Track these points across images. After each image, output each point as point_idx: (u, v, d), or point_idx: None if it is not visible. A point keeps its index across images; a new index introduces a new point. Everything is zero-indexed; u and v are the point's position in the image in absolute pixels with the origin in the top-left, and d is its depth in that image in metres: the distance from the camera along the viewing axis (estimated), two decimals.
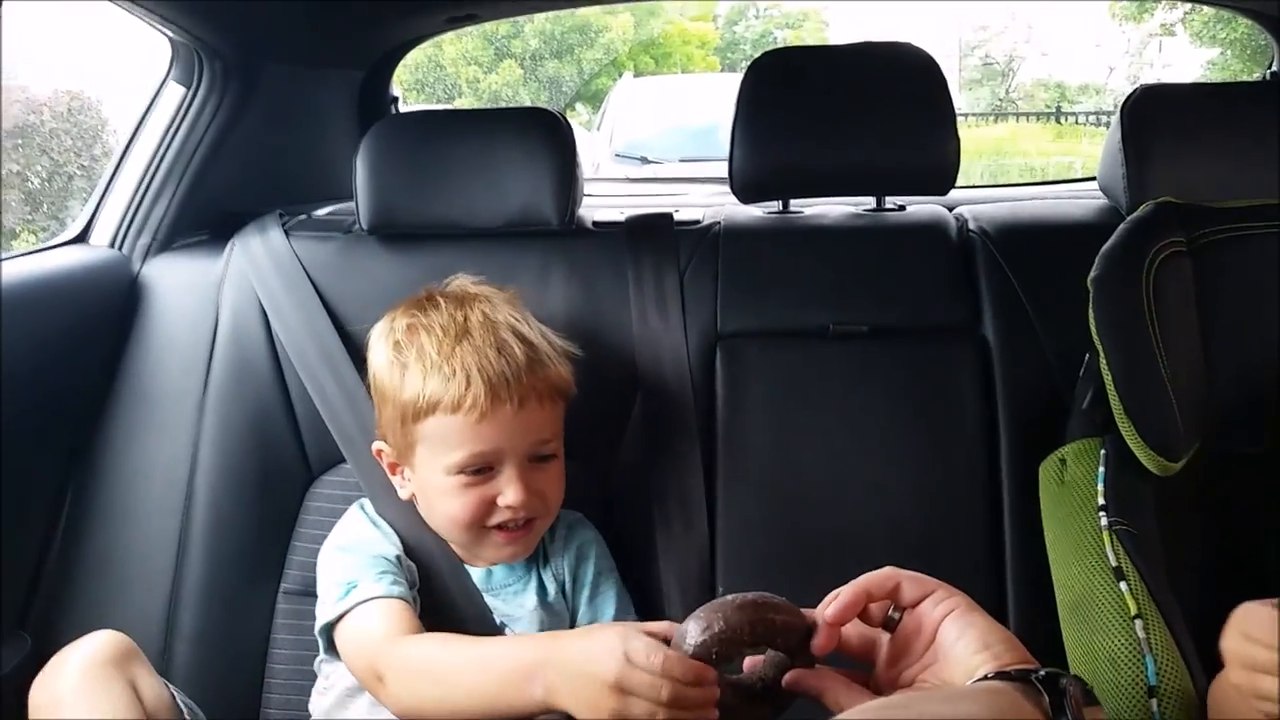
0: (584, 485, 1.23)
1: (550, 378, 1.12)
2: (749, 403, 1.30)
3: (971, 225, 1.39)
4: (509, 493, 1.08)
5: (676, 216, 1.44)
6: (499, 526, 1.11)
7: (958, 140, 1.35)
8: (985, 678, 0.68)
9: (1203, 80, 10.05)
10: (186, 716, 1.00)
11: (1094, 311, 1.05)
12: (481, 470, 1.09)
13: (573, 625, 1.16)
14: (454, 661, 1.00)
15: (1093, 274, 1.07)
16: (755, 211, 1.50)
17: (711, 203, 1.60)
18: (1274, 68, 1.80)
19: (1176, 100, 1.35)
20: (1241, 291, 1.09)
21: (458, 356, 1.08)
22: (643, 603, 1.22)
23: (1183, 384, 1.03)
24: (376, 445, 1.17)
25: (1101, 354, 1.04)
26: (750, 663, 0.85)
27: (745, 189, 1.41)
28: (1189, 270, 1.09)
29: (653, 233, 1.40)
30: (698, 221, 1.44)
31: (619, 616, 1.16)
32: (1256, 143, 1.28)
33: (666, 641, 0.86)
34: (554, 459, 1.14)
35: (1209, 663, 0.92)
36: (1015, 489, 1.22)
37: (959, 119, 1.43)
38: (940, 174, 1.36)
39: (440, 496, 1.11)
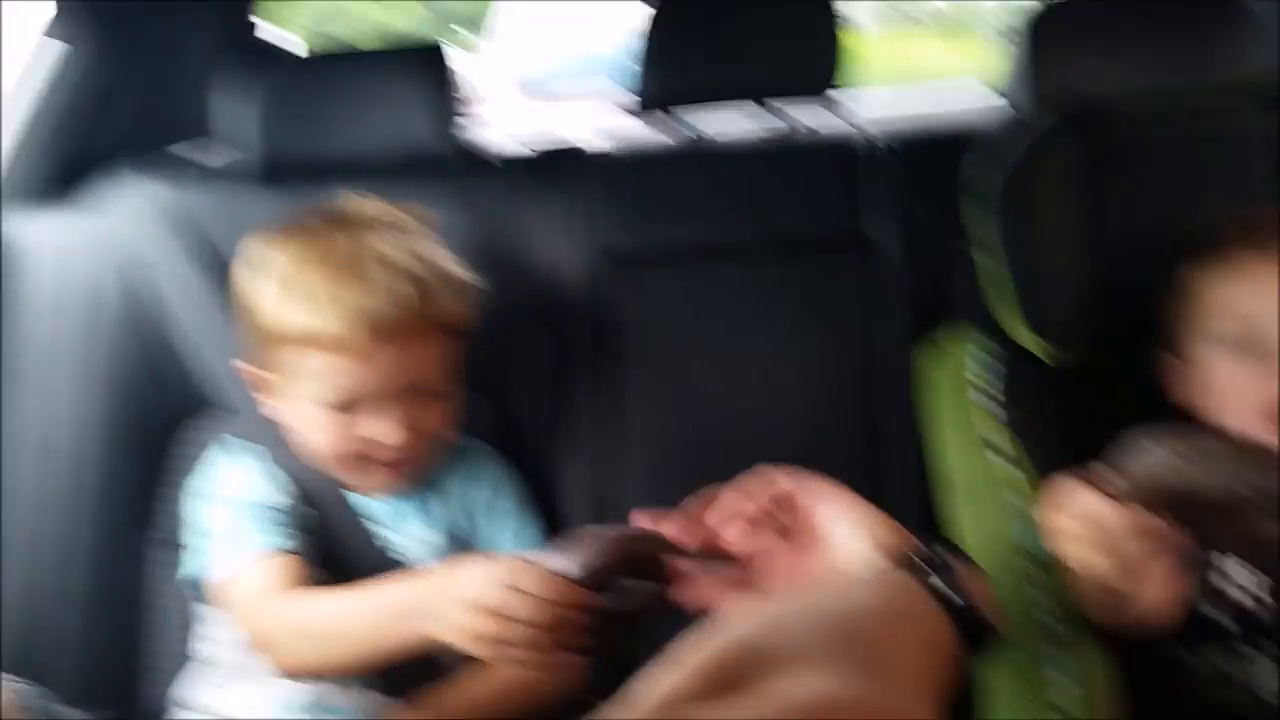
0: (487, 413, 1.23)
1: (440, 314, 1.05)
2: (650, 324, 1.31)
3: (863, 127, 1.40)
4: (384, 431, 1.04)
5: (575, 144, 1.43)
6: (374, 460, 1.06)
7: (839, 43, 1.35)
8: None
9: None
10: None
11: (980, 205, 1.08)
12: (356, 405, 1.03)
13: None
14: (332, 614, 0.97)
15: (981, 170, 1.09)
16: (654, 134, 1.49)
17: (611, 127, 1.58)
18: None
19: (1076, 3, 1.36)
20: (1130, 184, 1.12)
21: (339, 289, 1.01)
22: (551, 528, 1.23)
23: (1068, 273, 1.06)
24: (242, 365, 1.10)
25: (988, 245, 1.07)
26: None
27: (647, 100, 1.40)
28: (1078, 164, 1.12)
29: (553, 161, 1.39)
30: (596, 146, 1.43)
31: (525, 542, 1.15)
32: (1154, 43, 1.30)
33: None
34: (439, 396, 1.08)
35: None
36: (897, 378, 1.25)
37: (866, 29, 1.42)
38: (824, 77, 1.36)
39: (311, 429, 1.06)
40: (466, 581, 0.87)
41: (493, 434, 1.23)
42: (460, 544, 1.14)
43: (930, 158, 1.35)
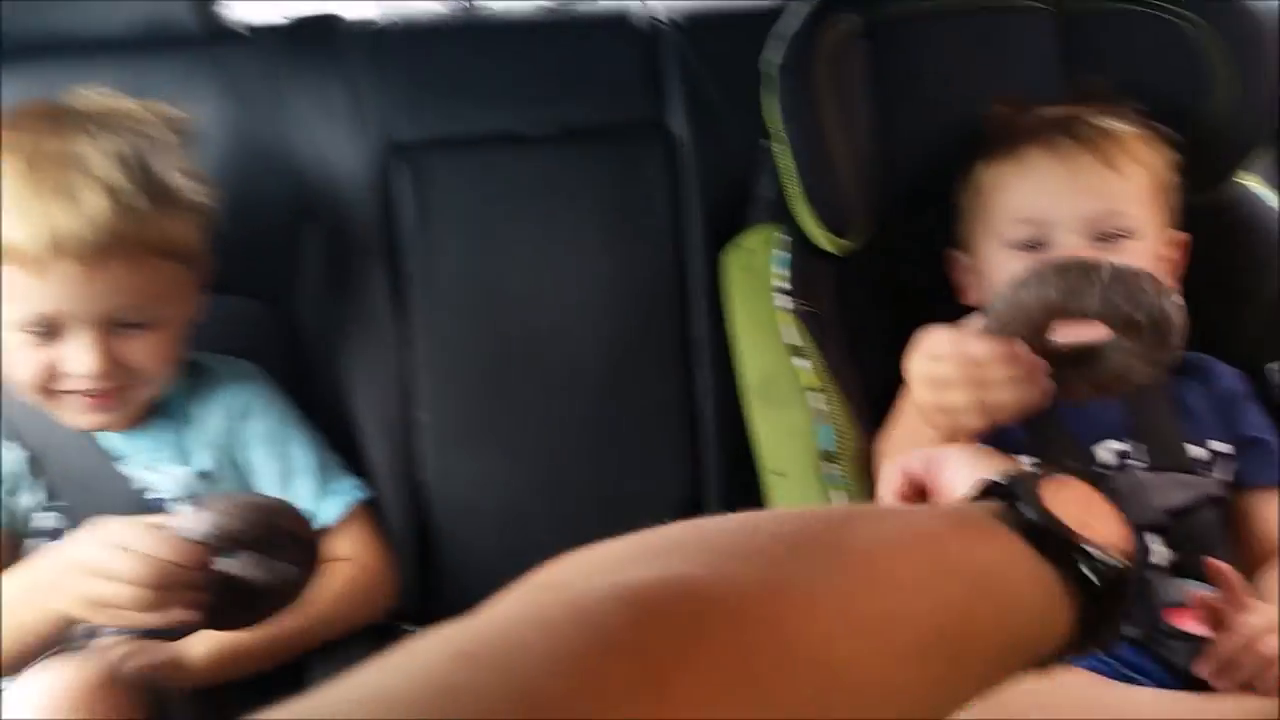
0: (261, 324, 1.14)
1: (150, 236, 0.95)
2: (437, 216, 1.22)
3: (659, 14, 1.34)
4: (79, 360, 0.94)
5: (343, 15, 1.29)
6: (74, 392, 0.96)
7: None
8: None
9: None
10: None
11: (773, 96, 1.04)
12: (49, 330, 0.94)
13: (256, 487, 1.06)
14: None
15: (771, 59, 1.05)
16: (434, 6, 1.37)
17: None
18: None
19: None
20: (913, 68, 1.10)
21: (33, 201, 0.90)
22: (340, 443, 1.15)
23: (859, 165, 1.04)
24: None
25: (782, 138, 1.04)
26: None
27: None
28: (865, 51, 1.09)
29: (316, 36, 1.25)
30: (368, 21, 1.31)
31: (308, 464, 1.08)
32: None
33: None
34: (150, 326, 0.98)
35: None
36: (703, 279, 1.22)
37: None
38: None
39: (7, 356, 0.95)
40: (75, 546, 0.83)
41: (274, 348, 1.14)
42: (221, 477, 1.05)
43: (726, 41, 1.30)
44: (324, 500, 1.08)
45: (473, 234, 1.23)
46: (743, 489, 1.08)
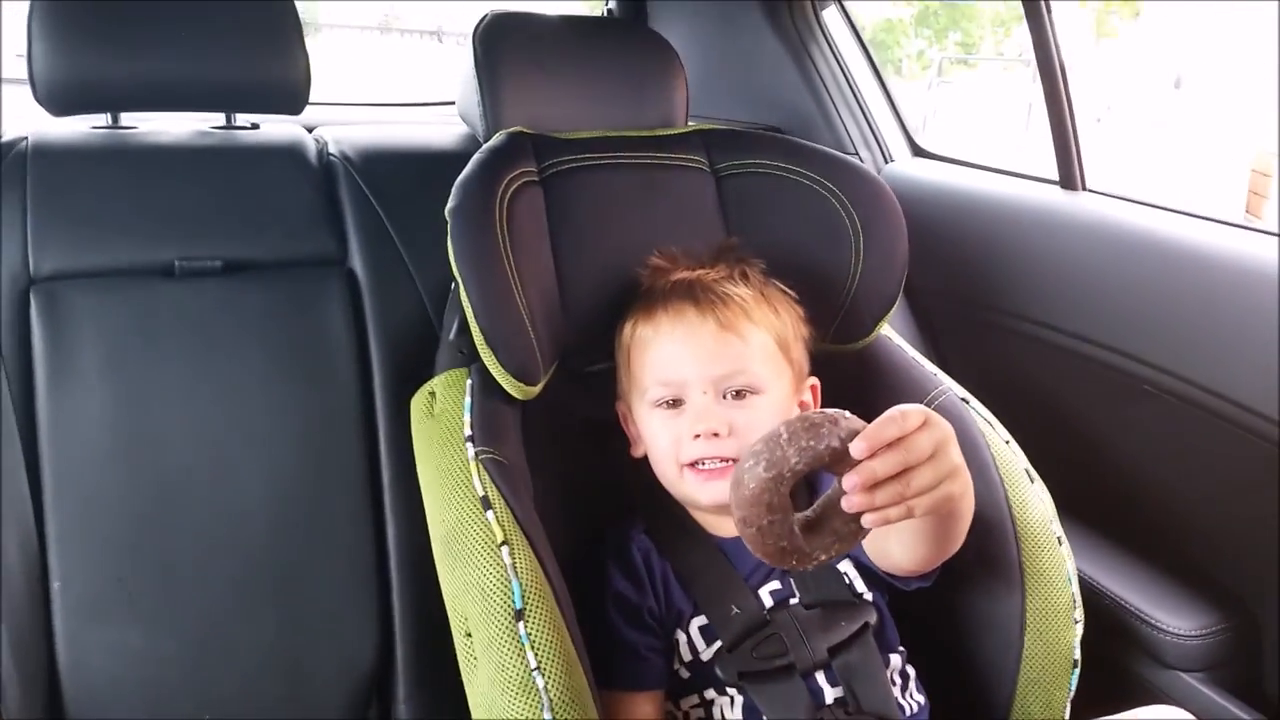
0: None
1: None
2: (79, 359, 1.10)
3: (332, 149, 1.31)
4: None
5: None
6: None
7: (306, 55, 1.25)
8: None
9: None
10: None
11: (452, 242, 1.03)
12: None
13: None
14: None
15: (449, 204, 1.05)
16: (78, 127, 1.26)
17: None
18: (610, 4, 1.95)
19: (525, 28, 1.38)
20: (584, 218, 1.13)
21: None
22: None
23: (538, 310, 1.05)
24: None
25: (461, 284, 1.03)
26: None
27: (55, 99, 1.17)
28: (540, 198, 1.11)
29: None
30: None
31: None
32: (597, 75, 1.36)
33: None
34: None
35: (579, 573, 0.99)
36: (390, 426, 1.19)
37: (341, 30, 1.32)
38: (291, 91, 1.25)
39: None
40: None
41: None
42: None
43: (399, 178, 1.30)
44: None
45: (122, 377, 1.12)
46: (434, 653, 1.03)
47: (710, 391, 1.00)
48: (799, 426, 0.79)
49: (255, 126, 1.34)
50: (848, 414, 0.81)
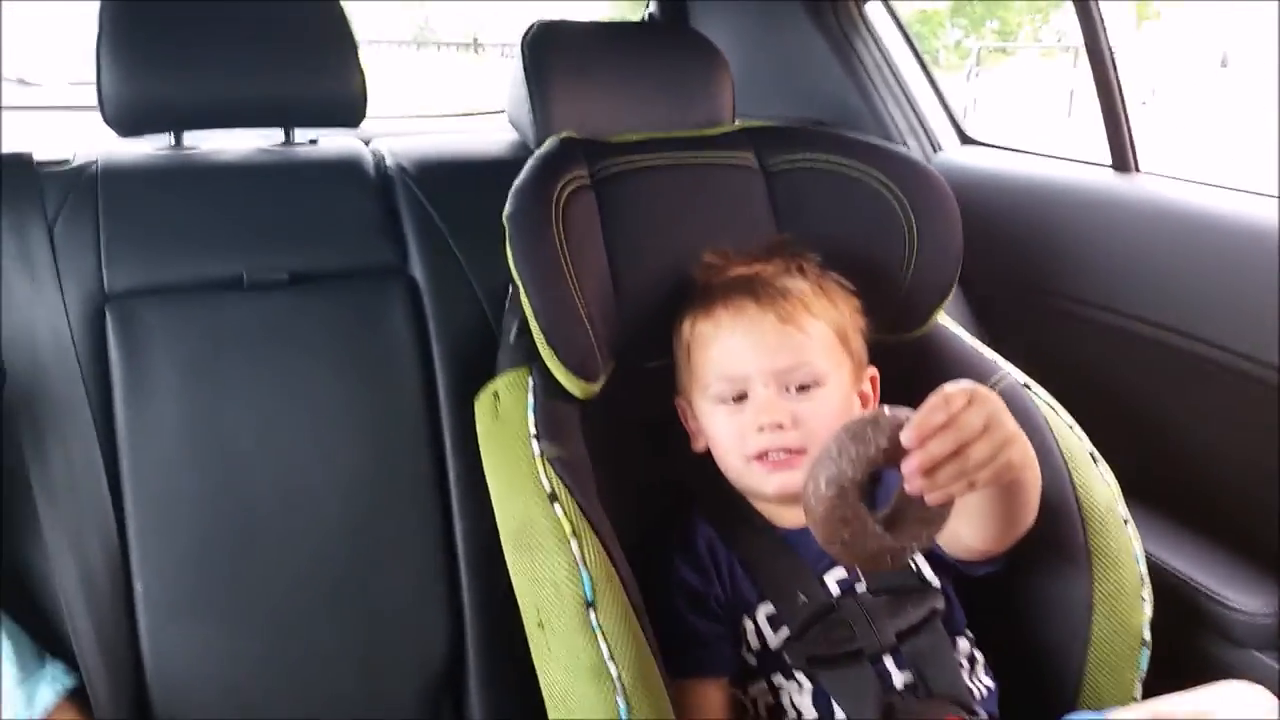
0: None
1: None
2: (154, 371, 1.14)
3: (389, 161, 1.34)
4: None
5: (37, 156, 1.20)
6: None
7: (362, 70, 1.28)
8: None
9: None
10: None
11: (510, 246, 1.06)
12: None
13: None
14: None
15: (506, 210, 1.07)
16: (143, 147, 1.30)
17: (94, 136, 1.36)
18: (651, 7, 1.97)
19: (571, 36, 1.41)
20: (637, 220, 1.15)
21: None
22: (38, 622, 1.03)
23: (596, 309, 1.07)
24: None
25: (521, 287, 1.05)
26: None
27: (124, 120, 1.21)
28: (593, 201, 1.13)
29: (6, 176, 1.15)
30: (67, 161, 1.22)
31: (7, 652, 0.99)
32: (643, 78, 1.38)
33: None
34: None
35: (645, 565, 1.00)
36: (455, 427, 1.21)
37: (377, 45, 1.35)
38: (348, 105, 1.28)
39: None
40: None
41: None
42: None
43: (455, 188, 1.33)
44: (28, 690, 0.97)
45: (196, 388, 1.15)
46: (504, 644, 1.06)
47: (772, 385, 1.01)
48: (845, 438, 0.81)
49: (314, 142, 1.38)
50: (889, 408, 0.82)
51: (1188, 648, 1.18)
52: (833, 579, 1.02)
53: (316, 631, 1.16)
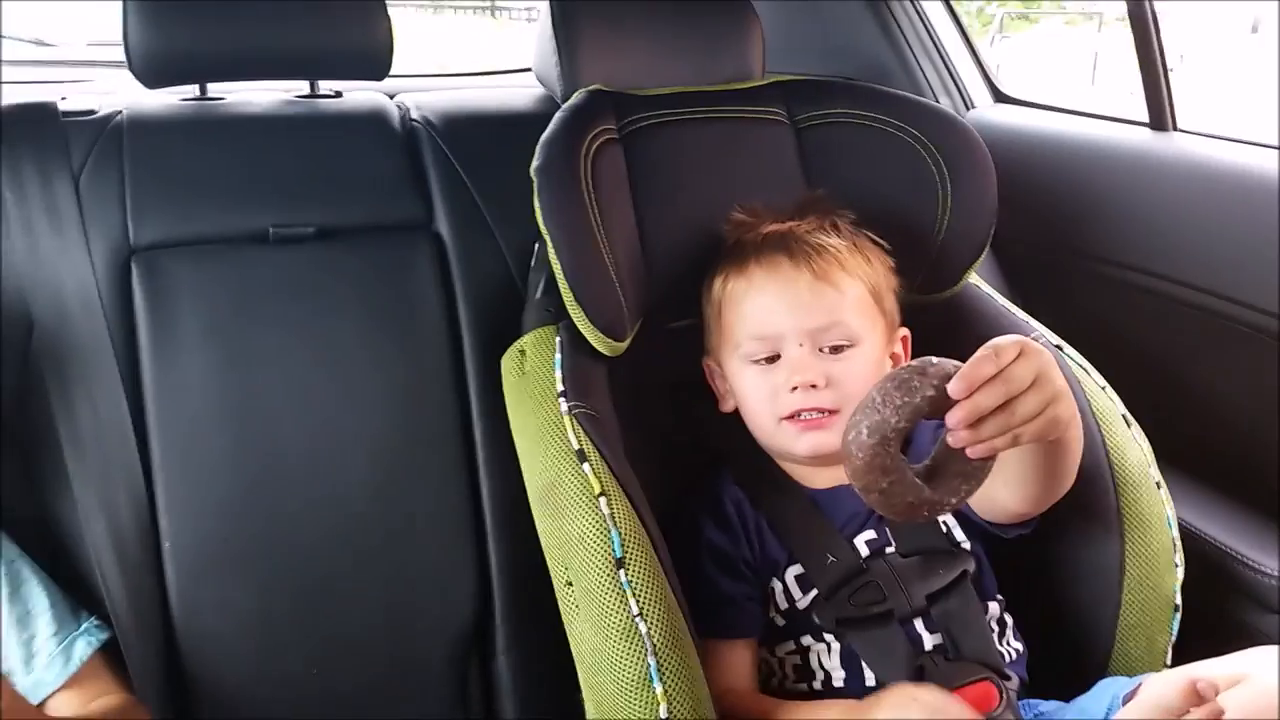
0: None
1: None
2: (180, 326, 1.14)
3: (414, 114, 1.33)
4: None
5: (63, 105, 1.19)
6: None
7: (389, 21, 1.26)
8: None
9: None
10: None
11: (538, 200, 1.04)
12: None
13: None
14: None
15: (534, 163, 1.05)
16: (168, 99, 1.29)
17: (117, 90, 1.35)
18: None
19: None
20: (666, 174, 1.13)
21: None
22: (75, 576, 1.03)
23: (624, 266, 1.06)
24: None
25: (549, 242, 1.04)
26: None
27: (149, 71, 1.20)
28: (621, 156, 1.11)
29: (31, 126, 1.15)
30: (92, 111, 1.21)
31: (41, 605, 0.99)
32: (673, 32, 1.36)
33: None
34: None
35: (673, 525, 0.99)
36: (481, 384, 1.21)
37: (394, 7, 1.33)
38: (374, 58, 1.26)
39: None
40: None
41: None
42: None
43: (480, 141, 1.31)
44: (62, 645, 0.99)
45: (223, 341, 1.15)
46: (531, 603, 1.05)
47: (806, 344, 1.00)
48: (890, 387, 0.79)
49: (338, 95, 1.36)
50: (935, 359, 0.81)
51: (1220, 613, 1.16)
52: (862, 541, 1.01)
53: (343, 589, 1.16)
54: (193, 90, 1.30)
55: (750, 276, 1.03)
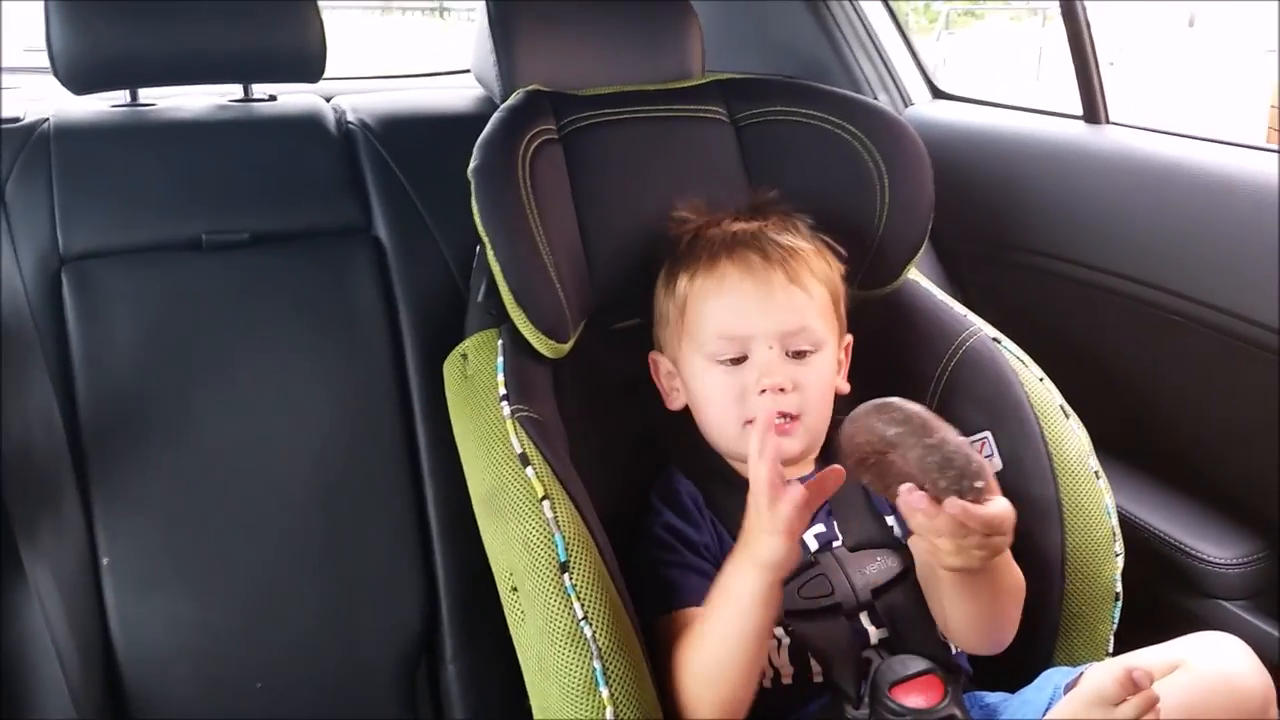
0: None
1: None
2: (114, 336, 1.11)
3: (350, 117, 1.31)
4: None
5: None
6: None
7: (322, 23, 1.24)
8: None
9: None
10: None
11: (476, 202, 1.03)
12: None
13: None
14: None
15: (471, 165, 1.04)
16: (98, 105, 1.26)
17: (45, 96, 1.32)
18: None
19: None
20: (605, 174, 1.12)
21: None
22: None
23: (565, 268, 1.05)
24: None
25: (488, 244, 1.03)
26: None
27: (76, 77, 1.17)
28: (560, 156, 1.11)
29: None
30: (18, 119, 1.18)
31: None
32: (612, 30, 1.35)
33: None
34: None
35: (617, 526, 0.99)
36: (424, 389, 1.20)
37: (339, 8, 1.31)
38: (308, 60, 1.25)
39: None
40: None
41: None
42: None
43: (418, 144, 1.30)
44: None
45: (156, 351, 1.13)
46: (479, 610, 1.05)
47: (776, 346, 0.99)
48: (947, 450, 0.83)
49: (273, 98, 1.34)
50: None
51: (1159, 600, 1.19)
52: (811, 534, 1.01)
53: (288, 599, 1.15)
54: (123, 96, 1.27)
55: (722, 274, 1.02)
